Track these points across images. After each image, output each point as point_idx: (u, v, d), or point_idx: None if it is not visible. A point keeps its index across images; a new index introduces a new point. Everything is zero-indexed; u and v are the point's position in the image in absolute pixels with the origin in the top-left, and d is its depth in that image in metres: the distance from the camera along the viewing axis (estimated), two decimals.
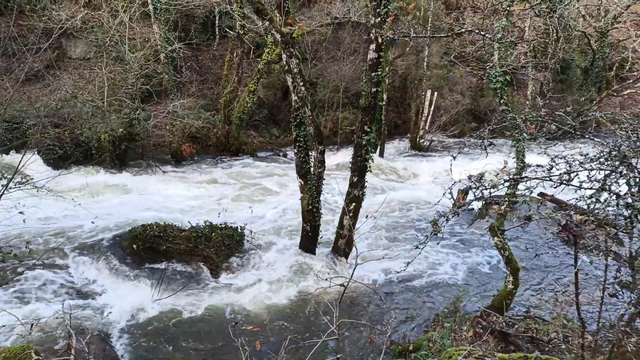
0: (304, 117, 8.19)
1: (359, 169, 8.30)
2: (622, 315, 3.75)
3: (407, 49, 18.35)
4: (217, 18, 20.39)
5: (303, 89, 7.93)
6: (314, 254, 8.82)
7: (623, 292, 3.84)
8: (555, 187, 3.86)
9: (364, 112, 8.07)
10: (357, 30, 20.01)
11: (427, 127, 19.21)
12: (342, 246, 8.56)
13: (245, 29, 16.02)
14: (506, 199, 5.67)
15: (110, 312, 6.81)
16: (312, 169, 8.65)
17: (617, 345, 3.44)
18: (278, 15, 7.85)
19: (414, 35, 7.84)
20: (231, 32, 17.09)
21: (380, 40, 7.59)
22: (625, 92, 20.31)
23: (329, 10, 18.98)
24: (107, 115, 13.76)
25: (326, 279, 5.65)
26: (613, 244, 4.90)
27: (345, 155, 13.44)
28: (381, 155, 17.96)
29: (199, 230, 8.58)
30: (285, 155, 17.46)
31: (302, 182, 8.65)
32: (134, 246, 8.30)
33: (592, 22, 20.98)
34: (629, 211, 2.85)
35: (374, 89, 7.89)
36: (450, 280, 8.64)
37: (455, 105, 20.17)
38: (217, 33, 20.83)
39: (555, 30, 18.23)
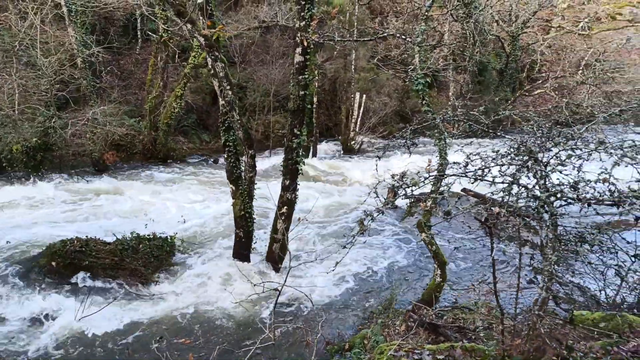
0: (233, 121, 8.07)
1: (291, 172, 8.30)
2: (537, 300, 4.00)
3: (335, 52, 18.66)
4: (138, 21, 19.61)
5: (230, 93, 7.80)
6: (249, 260, 8.69)
7: (537, 278, 4.11)
8: (472, 183, 4.08)
9: (293, 115, 8.09)
10: (285, 34, 20.07)
11: (357, 129, 19.64)
12: (277, 251, 8.51)
13: (169, 32, 15.53)
14: (431, 195, 5.92)
15: (25, 337, 6.30)
16: (243, 173, 8.53)
17: (532, 328, 3.67)
18: (201, 18, 7.67)
19: (339, 38, 7.98)
20: (154, 36, 16.49)
21: (305, 43, 7.65)
22: (535, 92, 21.92)
23: (256, 13, 18.88)
24: (19, 124, 12.77)
25: (260, 285, 5.57)
26: (530, 233, 5.22)
27: (278, 159, 13.41)
28: (314, 157, 18.14)
29: (124, 243, 8.18)
30: (216, 161, 17.12)
31: (234, 188, 8.50)
32: (53, 263, 7.75)
33: (504, 27, 22.46)
34: (536, 202, 3.06)
35: (302, 92, 7.94)
36: (386, 277, 8.84)
37: (384, 107, 20.81)
38: (139, 36, 20.03)
39: (472, 35, 19.33)
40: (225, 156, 8.48)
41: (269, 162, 16.30)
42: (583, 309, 6.42)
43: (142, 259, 8.16)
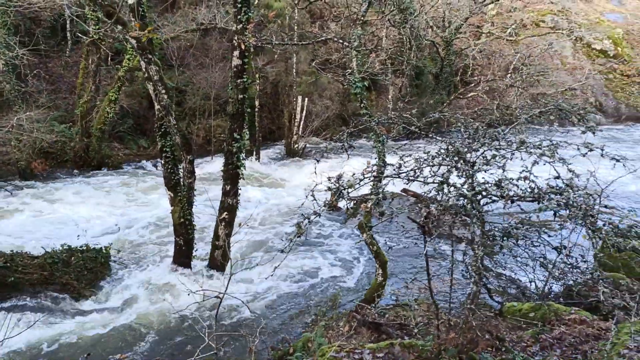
0: (169, 126, 7.85)
1: (232, 176, 8.19)
2: (470, 294, 4.17)
3: (276, 56, 18.63)
4: (67, 22, 18.61)
5: (166, 97, 7.59)
6: (189, 267, 8.47)
7: (469, 273, 4.28)
8: (407, 184, 4.20)
9: (232, 119, 8.00)
10: (225, 37, 19.77)
11: (300, 132, 19.67)
12: (218, 257, 8.36)
13: (101, 33, 14.85)
14: (370, 196, 6.04)
15: None
16: (181, 180, 8.31)
17: (465, 321, 3.82)
18: (133, 19, 7.41)
19: (277, 42, 7.98)
20: (84, 37, 15.72)
21: (243, 46, 7.58)
22: (469, 95, 22.95)
23: (194, 15, 18.48)
24: None
25: (201, 293, 5.43)
26: (467, 230, 5.40)
27: (220, 164, 13.14)
28: (257, 161, 17.98)
29: (54, 256, 7.72)
30: (155, 167, 16.56)
31: (172, 195, 8.26)
32: None
33: (438, 32, 23.35)
34: (463, 200, 3.19)
35: (241, 96, 7.86)
36: (330, 279, 8.90)
37: (326, 110, 21.00)
38: (69, 38, 19.02)
39: (408, 40, 19.96)
40: (163, 162, 8.23)
41: (211, 167, 15.98)
42: (515, 300, 6.78)
43: (75, 273, 7.74)
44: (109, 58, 17.21)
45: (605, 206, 3.16)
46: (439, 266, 9.08)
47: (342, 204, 12.57)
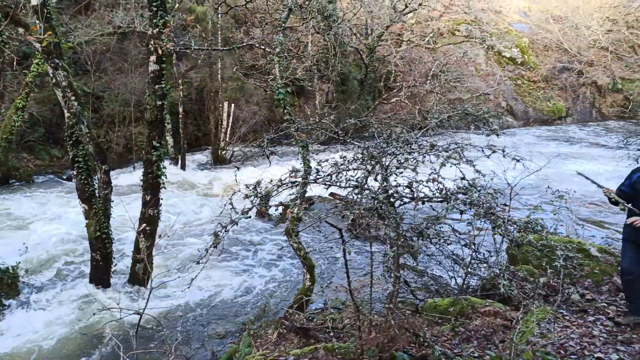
0: (81, 134, 7.40)
1: (152, 186, 7.87)
2: (389, 294, 4.29)
3: (199, 61, 18.21)
4: None
5: (76, 104, 7.15)
6: (108, 284, 8.02)
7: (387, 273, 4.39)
8: (326, 188, 4.25)
9: (151, 127, 7.71)
10: (144, 41, 19.01)
11: (227, 139, 19.36)
12: (139, 271, 7.98)
13: (4, 36, 13.72)
14: (295, 202, 6.05)
15: None
16: (97, 191, 7.86)
17: (385, 321, 3.91)
18: (38, 22, 6.91)
19: (196, 47, 7.80)
20: None
21: (160, 51, 7.34)
22: (392, 100, 23.77)
23: (110, 18, 17.63)
24: None
25: (119, 311, 5.15)
26: (390, 231, 5.47)
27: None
28: (183, 169, 17.45)
29: None
30: (70, 179, 15.53)
31: (87, 207, 7.79)
32: None
33: (362, 39, 24.01)
34: (375, 202, 3.28)
35: (159, 102, 7.60)
36: (260, 287, 8.78)
37: (253, 116, 20.84)
38: None
39: (332, 46, 20.34)
40: (75, 173, 7.74)
41: (133, 177, 15.26)
42: (436, 296, 7.08)
43: None
44: (14, 62, 15.94)
45: (505, 204, 3.39)
46: (368, 267, 9.31)
47: (271, 210, 12.52)
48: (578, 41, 30.30)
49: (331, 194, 12.23)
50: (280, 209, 11.72)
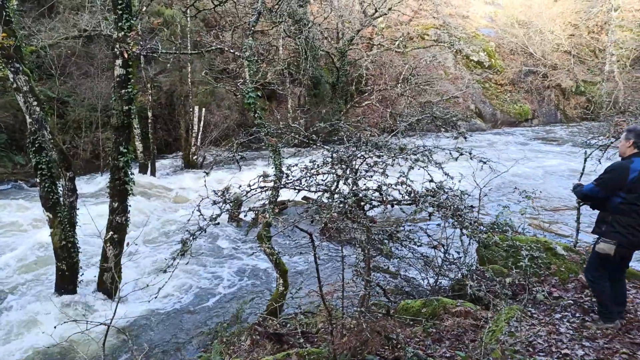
0: (44, 141, 7.17)
1: (119, 193, 7.69)
2: (361, 297, 4.29)
3: (169, 65, 17.94)
4: None
5: (38, 109, 6.93)
6: (75, 294, 7.77)
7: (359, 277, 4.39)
8: (297, 193, 4.22)
9: (117, 132, 7.54)
10: (110, 44, 18.62)
11: (198, 144, 19.12)
12: (107, 281, 7.77)
13: None
14: (267, 206, 5.99)
15: None
16: (61, 199, 7.62)
17: (357, 324, 3.91)
18: None
19: (164, 51, 7.68)
20: None
21: (126, 55, 7.19)
22: (364, 103, 23.95)
23: (75, 21, 17.18)
24: None
25: (85, 322, 4.99)
26: (360, 235, 5.47)
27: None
28: (153, 175, 17.12)
29: None
30: (35, 185, 15.04)
31: (51, 216, 7.54)
32: None
33: (333, 43, 24.12)
34: (345, 206, 3.28)
35: (126, 107, 7.44)
36: (234, 293, 8.67)
37: (225, 120, 20.65)
38: None
39: (304, 50, 20.36)
40: (39, 181, 7.48)
41: (101, 182, 14.90)
42: (410, 298, 7.13)
43: None
44: None
45: (471, 206, 3.45)
46: (346, 271, 9.31)
47: (243, 214, 12.39)
48: (542, 45, 31.22)
49: (304, 198, 12.21)
50: (253, 214, 11.63)
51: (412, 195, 3.35)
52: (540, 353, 4.57)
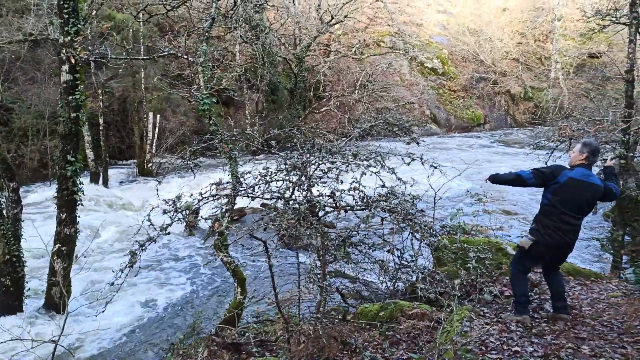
0: None
1: (67, 203, 7.39)
2: (317, 303, 4.29)
3: (120, 70, 17.44)
4: None
5: None
6: (21, 311, 7.39)
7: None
8: (251, 200, 4.18)
9: (64, 140, 7.27)
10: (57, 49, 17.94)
11: (153, 151, 18.64)
12: (56, 295, 7.42)
13: None
14: (225, 215, 5.91)
15: None
16: (4, 211, 7.25)
17: (313, 330, 3.90)
18: None
19: (113, 56, 7.47)
20: None
21: (73, 60, 6.94)
22: (322, 109, 24.10)
23: (20, 25, 16.43)
24: None
25: (35, 339, 4.74)
26: (314, 241, 5.45)
27: None
28: (105, 184, 16.53)
29: None
30: None
31: None
32: None
33: (290, 49, 24.17)
34: (298, 213, 3.28)
35: (73, 114, 7.18)
36: (191, 305, 8.48)
37: (180, 126, 20.25)
38: None
39: (261, 56, 20.29)
40: None
41: (49, 193, 14.24)
42: (369, 302, 7.19)
43: None
44: None
45: (422, 210, 3.52)
46: (302, 277, 9.27)
47: (202, 223, 12.16)
48: (492, 53, 32.46)
49: (263, 205, 12.12)
50: (210, 222, 11.43)
51: (364, 200, 3.39)
52: (492, 351, 4.71)
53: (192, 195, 3.56)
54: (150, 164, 18.61)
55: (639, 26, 10.56)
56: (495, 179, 5.06)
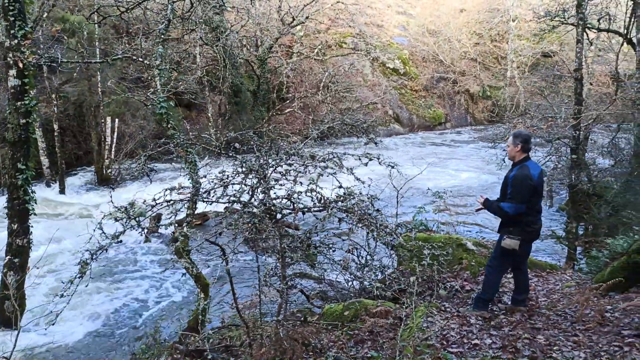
0: None
1: (19, 213, 7.10)
2: (279, 306, 4.26)
3: (75, 74, 16.88)
4: None
5: None
6: None
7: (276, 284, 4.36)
8: (210, 203, 4.12)
9: (14, 148, 6.98)
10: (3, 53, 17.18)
11: (112, 156, 18.11)
12: (9, 309, 7.10)
13: None
14: (185, 220, 5.80)
15: None
16: None
17: (275, 334, 3.88)
18: None
19: (64, 60, 7.23)
20: None
21: (21, 65, 6.66)
22: (286, 111, 24.04)
23: None
24: None
25: None
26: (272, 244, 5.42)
27: None
28: (62, 192, 15.95)
29: None
30: None
31: None
32: None
33: (252, 51, 23.98)
34: (251, 215, 3.25)
35: (23, 120, 6.90)
36: (150, 312, 8.29)
37: (141, 130, 19.76)
38: None
39: (222, 58, 20.05)
40: None
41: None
42: (334, 302, 7.21)
43: None
44: None
45: (377, 210, 3.57)
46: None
47: (163, 229, 11.89)
48: (451, 53, 33.21)
49: (225, 209, 11.97)
50: (171, 228, 11.19)
51: (322, 201, 3.39)
52: (452, 345, 4.81)
53: (145, 201, 3.48)
54: (110, 170, 18.07)
55: (585, 27, 11.04)
56: (491, 210, 5.12)
